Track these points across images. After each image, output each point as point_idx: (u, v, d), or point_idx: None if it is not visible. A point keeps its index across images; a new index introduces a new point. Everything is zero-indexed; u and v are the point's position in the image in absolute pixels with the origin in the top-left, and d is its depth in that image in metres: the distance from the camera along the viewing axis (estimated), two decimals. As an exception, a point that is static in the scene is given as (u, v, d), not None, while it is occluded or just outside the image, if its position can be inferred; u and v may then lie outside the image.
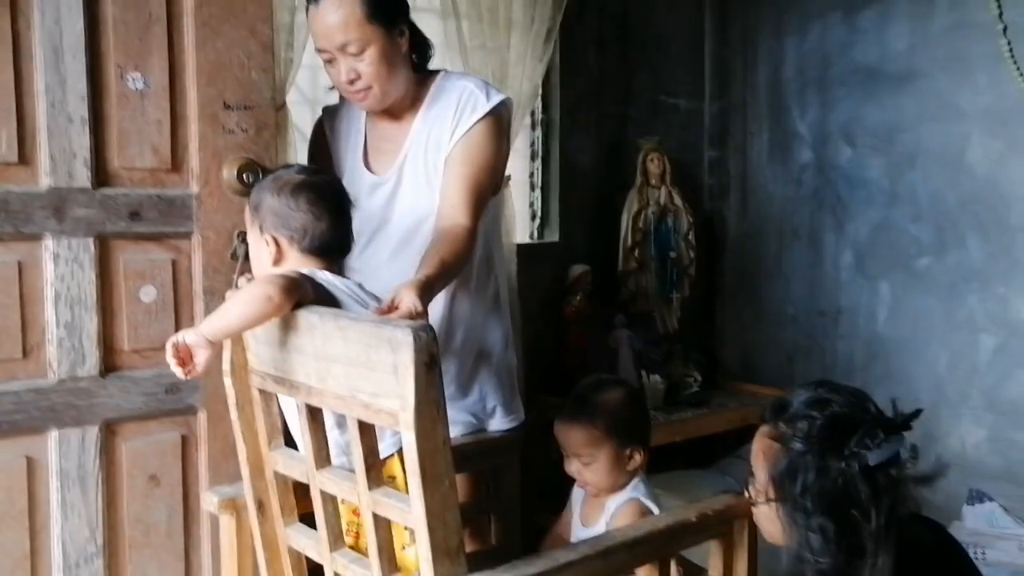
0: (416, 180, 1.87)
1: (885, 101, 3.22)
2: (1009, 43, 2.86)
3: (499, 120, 1.86)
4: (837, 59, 3.37)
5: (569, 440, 1.88)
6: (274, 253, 1.53)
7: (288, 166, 1.64)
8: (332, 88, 1.94)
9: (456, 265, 1.72)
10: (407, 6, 1.84)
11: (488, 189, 1.86)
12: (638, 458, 1.86)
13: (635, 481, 1.87)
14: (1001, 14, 2.87)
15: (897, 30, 3.18)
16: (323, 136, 2.00)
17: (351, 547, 1.51)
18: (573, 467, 1.89)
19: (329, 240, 1.54)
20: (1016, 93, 2.86)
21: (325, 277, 1.51)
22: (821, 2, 3.41)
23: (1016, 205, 2.91)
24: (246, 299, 1.38)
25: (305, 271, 1.49)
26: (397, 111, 1.89)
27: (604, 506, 1.86)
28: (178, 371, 1.38)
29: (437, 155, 1.86)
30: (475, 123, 1.82)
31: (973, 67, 2.97)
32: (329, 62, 1.78)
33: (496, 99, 1.85)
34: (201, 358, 1.38)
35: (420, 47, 1.88)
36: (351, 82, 1.76)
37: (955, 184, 3.06)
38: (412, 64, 1.86)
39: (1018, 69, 2.84)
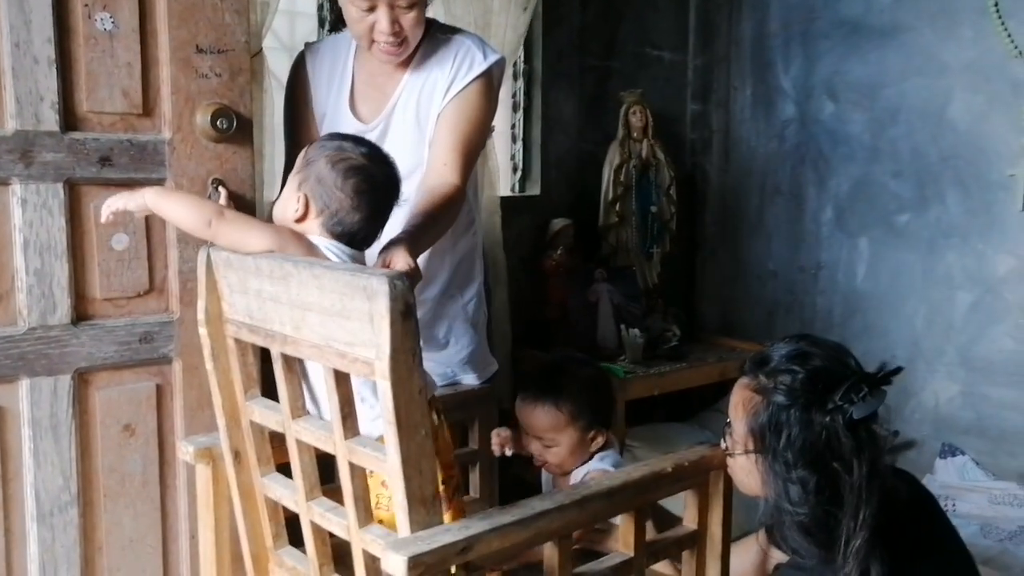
0: (405, 129, 1.84)
1: (869, 55, 3.20)
2: (995, -3, 2.84)
3: (492, 79, 1.85)
4: (821, 12, 3.34)
5: (532, 422, 1.82)
6: (300, 212, 1.47)
7: (358, 140, 1.54)
8: (311, 44, 1.89)
9: (445, 223, 1.70)
10: None
11: (478, 147, 1.85)
12: (600, 439, 1.82)
13: (602, 453, 1.83)
14: (987, -33, 2.85)
15: (883, -18, 3.15)
16: (304, 75, 1.94)
17: (380, 521, 1.43)
18: (533, 447, 1.83)
19: (355, 232, 1.49)
20: (1000, 48, 2.84)
21: (325, 244, 1.47)
22: (807, -46, 3.36)
23: (996, 161, 2.91)
24: (192, 209, 1.47)
25: (313, 239, 1.46)
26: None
27: (570, 479, 1.83)
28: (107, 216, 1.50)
29: (429, 107, 1.82)
30: (471, 81, 1.80)
31: (958, 21, 2.95)
32: (369, 10, 1.71)
33: (492, 58, 1.83)
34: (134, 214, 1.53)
35: None
36: (396, 33, 1.72)
37: (936, 140, 3.05)
38: None
39: (1002, 23, 2.82)
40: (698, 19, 3.67)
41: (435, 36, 1.86)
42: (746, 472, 1.49)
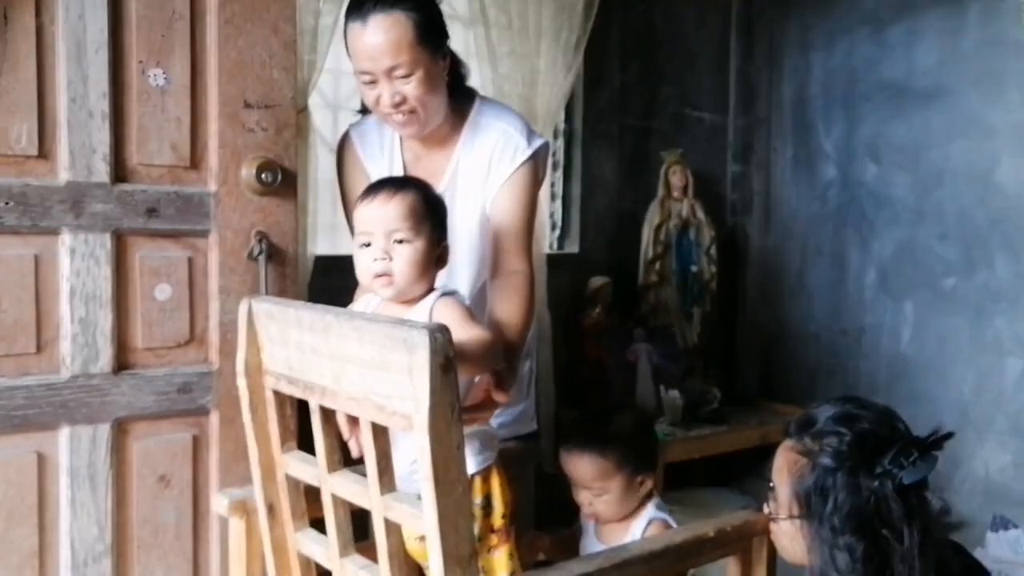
0: (466, 202, 1.83)
1: (912, 118, 3.18)
2: (1042, 61, 2.82)
3: (538, 160, 1.83)
4: (864, 75, 3.33)
5: (578, 472, 1.82)
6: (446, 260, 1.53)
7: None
8: (360, 112, 1.88)
9: (527, 323, 1.71)
10: (447, 31, 1.79)
11: (532, 227, 1.85)
12: (649, 484, 1.82)
13: (654, 500, 1.84)
14: (1034, 31, 2.84)
15: (926, 46, 3.14)
16: (355, 156, 1.90)
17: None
18: (582, 497, 1.83)
19: None
20: (1048, 111, 2.81)
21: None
22: (848, 18, 3.38)
23: (1046, 225, 2.86)
24: (488, 353, 1.38)
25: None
26: (435, 138, 1.83)
27: (629, 530, 1.81)
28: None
29: (476, 193, 1.82)
30: (517, 168, 1.79)
31: (1005, 84, 2.93)
32: (371, 83, 1.69)
33: (536, 143, 1.81)
34: None
35: (457, 72, 1.83)
36: (397, 105, 1.69)
37: (984, 202, 3.00)
38: (448, 90, 1.79)
39: (1050, 87, 2.80)
40: (738, 81, 3.69)
41: (477, 120, 1.83)
42: (790, 538, 1.45)
